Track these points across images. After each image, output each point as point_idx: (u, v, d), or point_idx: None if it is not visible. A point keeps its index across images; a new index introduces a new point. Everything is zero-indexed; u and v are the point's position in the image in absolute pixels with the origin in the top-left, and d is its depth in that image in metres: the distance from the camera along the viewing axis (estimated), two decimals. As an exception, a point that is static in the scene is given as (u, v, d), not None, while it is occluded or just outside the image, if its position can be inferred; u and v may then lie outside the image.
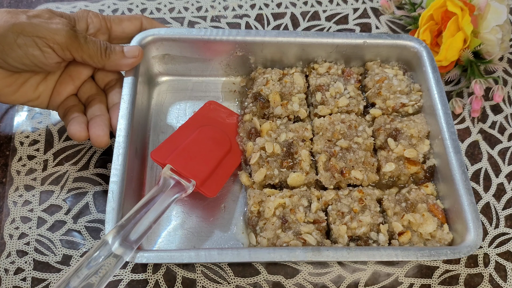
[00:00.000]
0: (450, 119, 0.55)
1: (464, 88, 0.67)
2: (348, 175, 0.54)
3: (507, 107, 0.67)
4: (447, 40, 0.62)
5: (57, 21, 0.50)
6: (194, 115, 0.59)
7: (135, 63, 0.55)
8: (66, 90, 0.56)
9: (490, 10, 0.63)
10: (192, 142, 0.55)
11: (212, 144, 0.56)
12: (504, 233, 0.58)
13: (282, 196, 0.52)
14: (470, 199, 0.51)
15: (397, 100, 0.60)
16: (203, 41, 0.59)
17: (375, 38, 0.61)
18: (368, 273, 0.54)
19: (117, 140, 0.51)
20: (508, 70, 0.70)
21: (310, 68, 0.63)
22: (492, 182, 0.61)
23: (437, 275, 0.55)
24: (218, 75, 0.65)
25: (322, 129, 0.57)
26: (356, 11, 0.75)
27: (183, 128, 0.57)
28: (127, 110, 0.53)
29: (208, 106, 0.61)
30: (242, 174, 0.56)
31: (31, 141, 0.60)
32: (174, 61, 0.62)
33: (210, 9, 0.74)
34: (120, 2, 0.73)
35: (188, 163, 0.52)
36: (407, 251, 0.48)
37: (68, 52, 0.51)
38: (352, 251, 0.47)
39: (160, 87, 0.64)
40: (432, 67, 0.59)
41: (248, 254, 0.47)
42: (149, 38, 0.58)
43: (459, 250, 0.48)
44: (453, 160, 0.53)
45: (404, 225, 0.52)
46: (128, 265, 0.54)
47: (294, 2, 0.75)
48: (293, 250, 0.47)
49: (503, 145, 0.64)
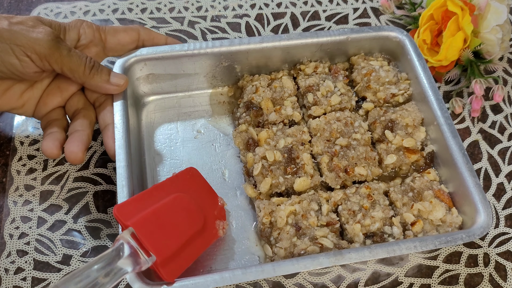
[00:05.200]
0: (442, 104, 0.56)
1: (464, 87, 0.67)
2: (353, 172, 0.55)
3: (507, 107, 0.67)
4: (447, 39, 0.62)
5: (40, 30, 0.48)
6: (172, 177, 0.52)
7: (116, 91, 0.54)
8: (53, 101, 0.55)
9: (490, 10, 0.63)
10: (164, 207, 0.47)
11: (185, 217, 0.48)
12: (504, 232, 0.58)
13: (292, 203, 0.52)
14: (475, 181, 0.51)
15: (387, 91, 0.60)
16: (187, 56, 0.58)
17: (357, 32, 0.62)
18: (368, 273, 0.54)
19: (119, 172, 0.50)
20: (508, 70, 0.70)
21: (297, 69, 0.63)
22: (492, 181, 0.61)
23: (437, 274, 0.55)
24: (204, 87, 0.64)
25: (319, 130, 0.57)
26: (356, 11, 0.75)
27: (157, 188, 0.50)
28: (124, 139, 0.52)
29: (189, 172, 0.53)
30: (246, 186, 0.55)
31: (31, 140, 0.60)
32: (159, 79, 0.61)
33: (210, 9, 0.74)
34: (120, 2, 0.73)
35: (154, 232, 0.44)
36: (425, 241, 0.48)
37: (47, 63, 0.49)
38: (373, 250, 0.47)
39: (147, 107, 0.63)
40: (417, 55, 0.60)
41: (273, 269, 0.46)
42: (132, 60, 0.57)
43: (473, 232, 0.49)
44: (452, 144, 0.54)
45: (414, 215, 0.52)
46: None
47: (294, 2, 0.75)
48: (316, 258, 0.46)
49: (503, 145, 0.64)
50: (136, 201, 0.47)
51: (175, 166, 0.59)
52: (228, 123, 0.62)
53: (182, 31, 0.71)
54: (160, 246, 0.44)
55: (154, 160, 0.59)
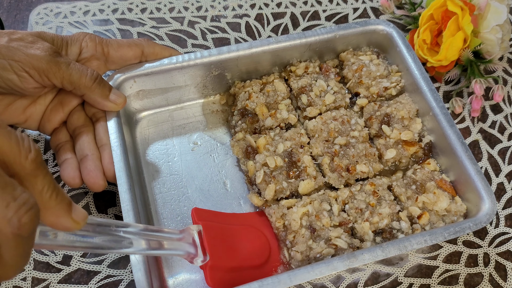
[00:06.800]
0: (436, 94, 0.57)
1: (464, 87, 0.67)
2: (355, 170, 0.55)
3: (507, 106, 0.67)
4: (447, 39, 0.62)
5: (38, 46, 0.48)
6: (254, 213, 0.55)
7: (113, 109, 0.54)
8: (56, 117, 0.55)
9: (490, 10, 0.63)
10: (234, 229, 0.51)
11: (250, 247, 0.50)
12: (504, 232, 0.58)
13: (304, 205, 0.52)
14: (476, 168, 0.52)
15: (379, 85, 0.61)
16: (177, 69, 0.58)
17: (345, 29, 0.62)
18: (367, 273, 0.54)
19: (122, 197, 0.49)
20: (508, 69, 0.70)
21: (288, 71, 0.63)
22: (492, 181, 0.61)
23: (437, 274, 0.55)
24: (196, 98, 0.63)
25: (317, 131, 0.57)
26: (356, 11, 0.75)
27: (236, 215, 0.54)
28: (123, 162, 0.51)
29: (261, 216, 0.55)
30: (251, 196, 0.54)
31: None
32: (150, 94, 0.60)
33: (210, 9, 0.74)
34: (120, 2, 0.73)
35: (216, 240, 0.48)
36: (434, 235, 0.48)
37: (46, 78, 0.49)
38: (385, 248, 0.47)
39: (140, 124, 0.62)
40: (406, 46, 0.60)
41: (289, 279, 0.45)
42: (121, 78, 0.56)
43: (479, 220, 0.50)
44: (450, 133, 0.54)
45: (420, 207, 0.53)
46: (128, 265, 0.54)
47: (294, 1, 0.75)
48: (331, 262, 0.46)
49: (503, 145, 0.64)
50: (213, 214, 0.52)
51: (175, 182, 0.58)
52: (224, 132, 0.62)
53: (182, 31, 0.71)
54: (216, 253, 0.47)
55: (154, 177, 0.58)
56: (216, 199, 0.57)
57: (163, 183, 0.58)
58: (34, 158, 0.31)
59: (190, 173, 0.59)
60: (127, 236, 0.39)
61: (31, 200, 0.29)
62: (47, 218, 0.32)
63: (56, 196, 0.32)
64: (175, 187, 0.57)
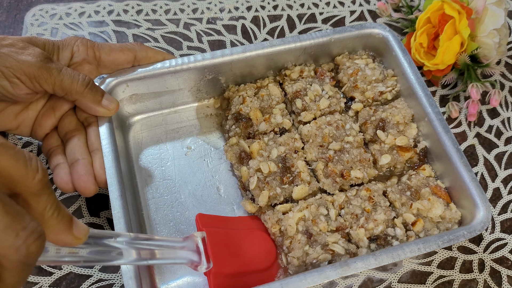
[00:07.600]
0: (431, 100, 0.56)
1: (461, 92, 0.67)
2: (349, 176, 0.55)
3: (504, 111, 0.67)
4: (444, 43, 0.62)
5: (29, 52, 0.48)
6: (256, 217, 0.54)
7: (105, 114, 0.54)
8: (47, 123, 0.54)
9: (487, 14, 0.63)
10: (240, 235, 0.51)
11: (255, 251, 0.50)
12: (499, 238, 0.57)
13: (300, 209, 0.52)
14: (471, 175, 0.52)
15: (374, 89, 0.60)
16: (170, 73, 0.57)
17: (340, 32, 0.61)
18: (360, 279, 0.54)
19: (113, 204, 0.49)
20: (505, 74, 0.70)
21: (282, 75, 0.62)
22: (488, 186, 0.61)
23: (431, 280, 0.54)
24: (190, 101, 0.62)
25: (311, 136, 0.57)
26: (353, 14, 0.75)
27: (242, 218, 0.54)
28: (114, 168, 0.51)
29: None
30: (245, 203, 0.54)
31: (24, 142, 0.60)
32: (143, 98, 0.59)
33: (206, 11, 0.73)
34: (115, 4, 0.73)
35: (220, 246, 0.48)
36: (428, 243, 0.48)
37: (37, 84, 0.49)
38: (378, 257, 0.47)
39: (133, 128, 0.61)
40: (401, 50, 0.60)
41: (280, 287, 0.45)
42: (113, 83, 0.56)
43: (474, 228, 0.49)
44: (445, 139, 0.54)
45: (414, 214, 0.52)
46: (120, 270, 0.53)
47: (290, 4, 0.75)
48: (323, 271, 0.46)
49: (499, 150, 0.64)
50: (218, 219, 0.51)
51: (168, 187, 0.57)
52: (218, 137, 0.61)
53: (177, 33, 0.71)
54: (220, 260, 0.46)
55: (147, 182, 0.58)
56: (210, 205, 0.56)
57: (156, 188, 0.57)
58: (41, 179, 0.31)
59: (183, 178, 0.58)
60: (123, 247, 0.39)
61: (39, 229, 0.29)
62: (48, 235, 0.32)
63: (58, 214, 0.32)
64: (168, 192, 0.57)
